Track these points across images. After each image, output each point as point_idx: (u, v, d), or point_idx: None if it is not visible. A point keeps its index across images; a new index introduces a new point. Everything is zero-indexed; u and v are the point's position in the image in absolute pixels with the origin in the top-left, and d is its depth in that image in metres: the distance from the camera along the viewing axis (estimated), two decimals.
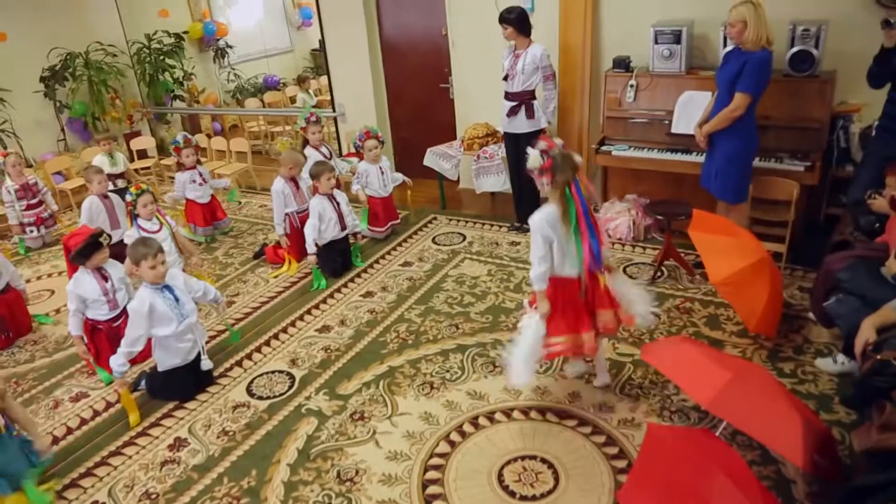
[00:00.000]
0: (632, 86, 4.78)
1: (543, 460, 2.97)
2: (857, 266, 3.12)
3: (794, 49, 4.16)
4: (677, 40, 4.55)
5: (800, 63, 4.16)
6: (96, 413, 3.66)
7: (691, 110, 4.44)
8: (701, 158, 4.27)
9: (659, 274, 4.41)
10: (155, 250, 3.43)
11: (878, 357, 2.56)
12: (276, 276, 4.98)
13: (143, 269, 3.41)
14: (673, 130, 4.59)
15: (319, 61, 9.54)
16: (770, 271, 3.48)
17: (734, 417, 2.49)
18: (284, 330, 4.26)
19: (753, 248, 3.53)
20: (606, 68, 5.03)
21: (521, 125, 4.89)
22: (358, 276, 4.87)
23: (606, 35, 5.12)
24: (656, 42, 4.61)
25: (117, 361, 3.47)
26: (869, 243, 3.45)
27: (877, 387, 2.50)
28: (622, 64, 4.88)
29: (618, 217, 4.95)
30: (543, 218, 2.95)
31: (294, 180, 5.08)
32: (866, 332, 2.67)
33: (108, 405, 3.71)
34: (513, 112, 4.86)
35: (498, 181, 5.36)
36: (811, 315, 3.70)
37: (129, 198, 4.41)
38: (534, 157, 2.91)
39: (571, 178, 2.88)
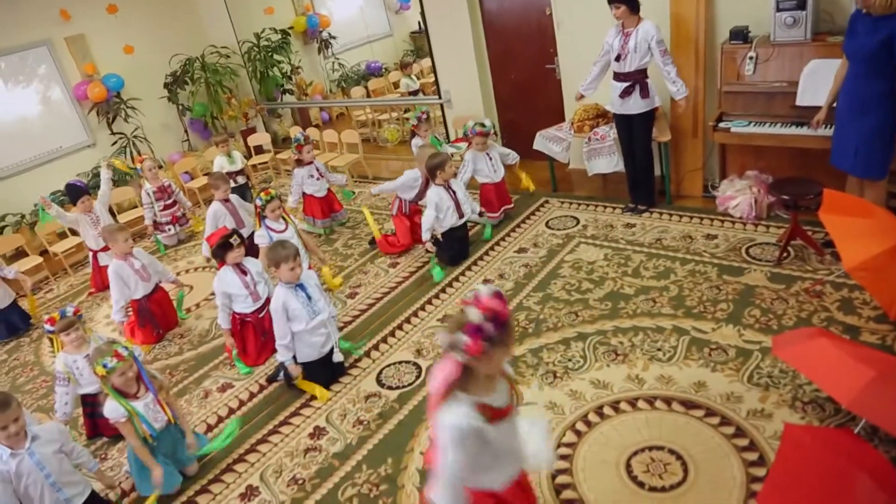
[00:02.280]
0: (751, 57, 4.56)
1: (671, 451, 2.98)
2: None
3: None
4: (802, 5, 4.28)
5: None
6: (242, 403, 3.97)
7: (818, 80, 4.19)
8: (829, 132, 4.05)
9: (785, 255, 4.24)
10: (293, 253, 3.67)
11: None
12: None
13: (282, 270, 3.65)
14: (798, 103, 4.35)
15: (419, 43, 9.66)
16: None
17: (878, 417, 2.41)
18: (408, 320, 4.43)
19: (892, 230, 3.33)
20: (722, 40, 4.82)
21: (635, 105, 4.78)
22: (475, 263, 4.97)
23: (722, 4, 4.88)
24: (778, 9, 4.36)
25: (281, 356, 3.77)
26: None
27: None
28: (740, 35, 4.65)
29: (738, 196, 4.77)
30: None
31: (427, 178, 5.17)
32: None
33: (252, 395, 4.02)
34: (626, 93, 4.76)
35: (610, 162, 5.28)
36: None
37: (258, 202, 4.68)
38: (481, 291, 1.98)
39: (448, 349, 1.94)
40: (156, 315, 4.80)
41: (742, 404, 3.16)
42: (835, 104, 3.96)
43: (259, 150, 8.60)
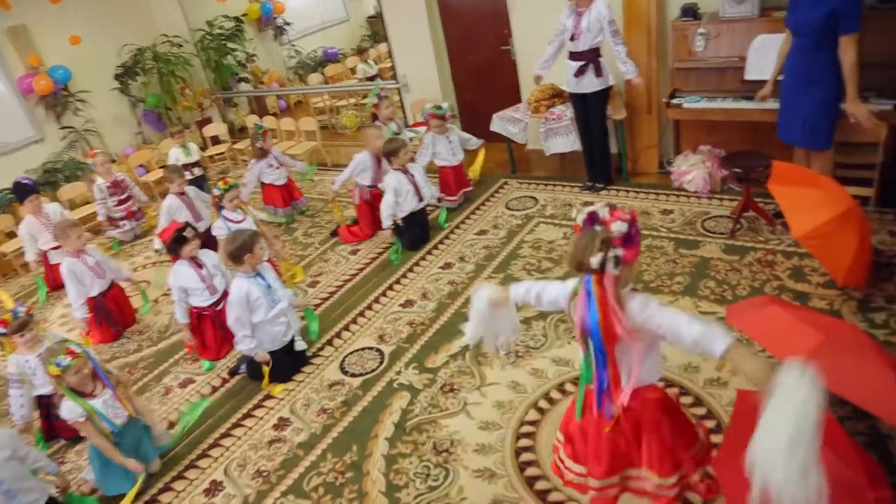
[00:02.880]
0: (701, 34, 4.62)
1: None
2: None
3: None
4: None
5: None
6: (203, 397, 3.92)
7: (766, 55, 4.26)
8: (777, 105, 4.12)
9: (738, 227, 4.32)
10: (251, 241, 3.63)
11: None
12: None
13: (255, 252, 3.63)
14: (747, 77, 4.43)
15: (376, 28, 9.57)
16: (857, 220, 3.36)
17: (826, 380, 2.47)
18: (369, 307, 4.42)
19: (838, 198, 3.41)
20: (674, 18, 4.87)
21: (589, 84, 4.81)
22: (435, 247, 4.97)
23: None
24: None
25: (243, 346, 3.73)
26: None
27: None
28: (690, 12, 4.70)
29: (692, 170, 4.85)
30: (568, 287, 2.15)
31: (378, 158, 5.15)
32: None
33: (214, 389, 3.98)
34: (580, 72, 4.78)
35: (567, 142, 5.31)
36: None
37: (216, 192, 4.61)
38: (579, 212, 1.99)
39: (577, 270, 2.00)
40: (113, 312, 4.70)
41: (699, 374, 3.22)
42: (780, 78, 4.02)
43: (216, 140, 8.46)
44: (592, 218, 1.93)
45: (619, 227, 1.89)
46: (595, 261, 1.91)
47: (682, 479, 2.23)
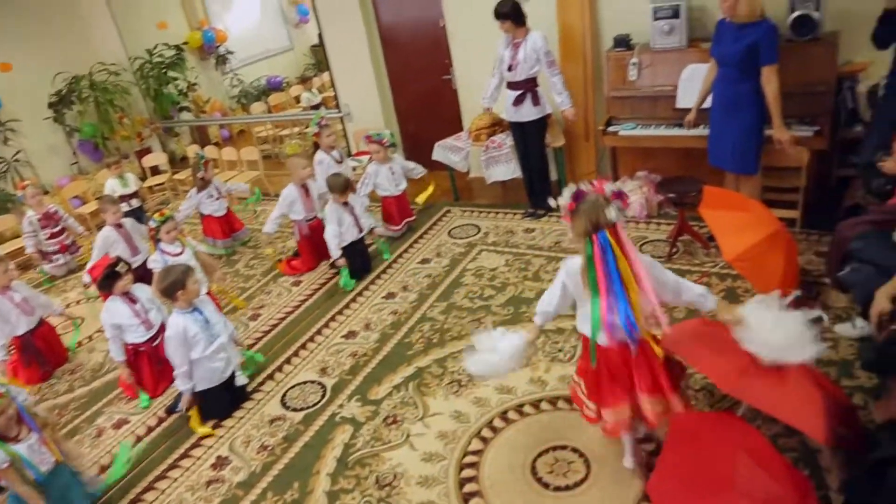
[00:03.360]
0: (634, 64, 4.76)
1: (574, 450, 3.05)
2: (868, 235, 3.13)
3: (795, 14, 4.10)
4: (676, 14, 4.51)
5: (801, 27, 4.11)
6: (139, 438, 3.79)
7: (695, 84, 4.42)
8: (707, 132, 4.26)
9: (675, 250, 4.44)
10: (185, 268, 3.56)
11: (894, 327, 2.59)
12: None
13: (188, 288, 3.54)
14: (678, 105, 4.58)
15: (320, 57, 9.57)
16: (784, 242, 3.50)
17: (754, 398, 2.55)
18: (311, 339, 4.36)
19: (766, 221, 3.55)
20: (607, 48, 5.01)
21: (527, 113, 4.91)
22: (378, 277, 4.95)
23: (605, 14, 5.08)
24: (655, 18, 4.58)
25: (179, 383, 3.63)
26: (881, 206, 3.44)
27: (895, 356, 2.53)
28: (623, 42, 4.86)
29: (630, 195, 4.94)
30: (569, 266, 2.59)
31: (305, 187, 5.15)
32: (881, 302, 2.69)
33: (150, 429, 3.84)
34: (518, 101, 4.88)
35: (508, 169, 5.39)
36: (828, 280, 3.72)
37: (152, 224, 4.50)
38: (565, 196, 2.49)
39: (593, 231, 2.36)
40: (42, 351, 4.51)
41: None
42: (709, 106, 4.18)
43: (155, 170, 8.29)
44: (580, 194, 2.43)
45: (610, 187, 2.41)
46: (612, 213, 2.36)
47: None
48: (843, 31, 4.23)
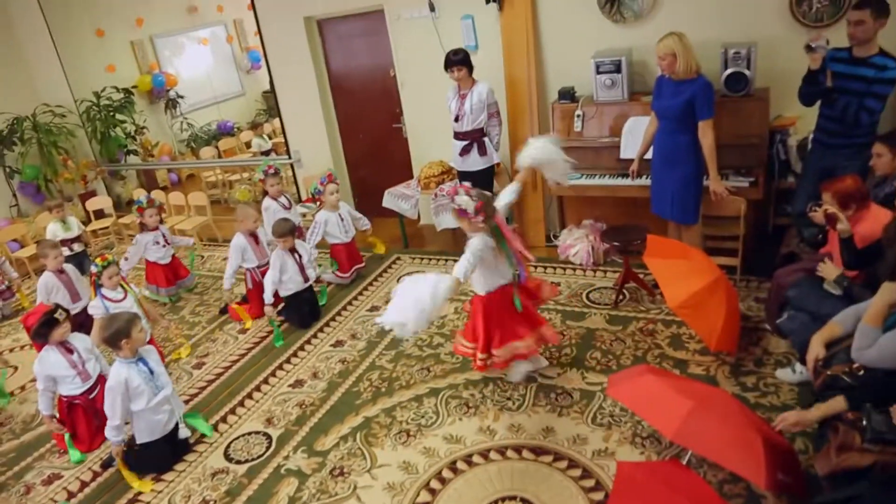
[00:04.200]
0: (578, 115, 4.92)
1: (523, 500, 3.02)
2: (803, 283, 3.26)
3: (728, 71, 4.32)
4: (618, 69, 4.69)
5: (734, 84, 4.33)
6: (71, 495, 3.61)
7: (638, 135, 4.58)
8: (649, 181, 4.40)
9: (621, 297, 4.52)
10: (132, 316, 3.46)
11: (829, 372, 2.68)
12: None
13: (133, 336, 3.43)
14: (622, 156, 4.73)
15: (271, 103, 9.57)
16: (725, 289, 3.60)
17: (697, 445, 2.59)
18: (258, 388, 4.26)
19: (707, 269, 3.65)
20: (553, 99, 5.17)
21: (474, 163, 5.00)
22: (327, 324, 4.89)
23: (550, 68, 5.25)
24: (598, 72, 4.75)
25: (111, 435, 3.49)
26: (814, 255, 3.60)
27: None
28: (567, 95, 5.01)
29: (576, 243, 5.06)
30: (484, 242, 3.33)
31: (254, 235, 5.10)
32: (815, 348, 2.79)
33: (83, 485, 3.67)
34: (465, 151, 4.97)
35: None
36: (768, 326, 3.83)
37: (94, 269, 4.38)
38: (466, 201, 3.30)
39: (493, 214, 3.41)
40: None
41: (587, 445, 3.28)
42: (649, 157, 4.33)
43: (100, 214, 8.08)
44: (482, 195, 3.38)
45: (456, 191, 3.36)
46: (503, 198, 3.68)
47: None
48: (774, 87, 4.47)
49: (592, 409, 3.53)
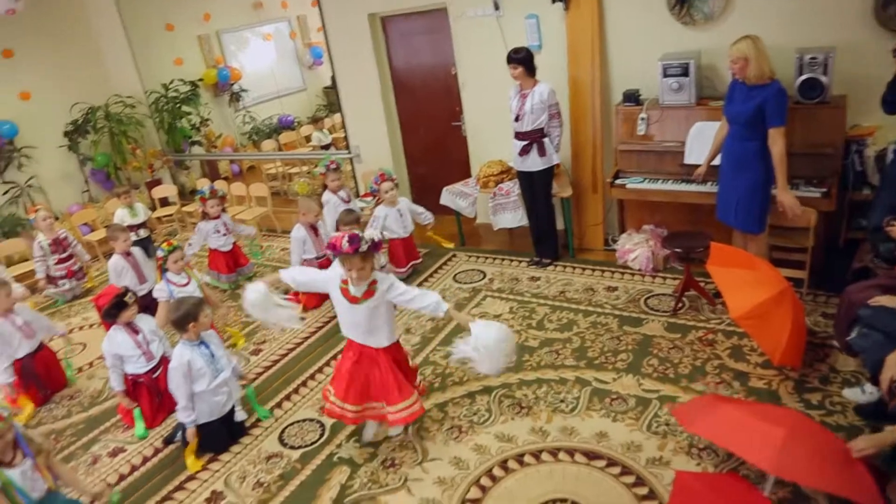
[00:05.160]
0: (643, 118, 4.84)
1: (574, 503, 2.99)
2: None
3: (803, 77, 4.19)
4: (685, 73, 4.60)
5: (809, 90, 4.19)
6: (134, 468, 3.74)
7: (703, 140, 4.49)
8: (715, 188, 4.31)
9: (680, 305, 4.43)
10: (199, 300, 3.58)
11: None
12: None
13: (200, 322, 3.55)
14: (686, 161, 4.63)
15: (332, 98, 9.72)
16: (791, 302, 3.49)
17: (799, 475, 2.48)
18: (312, 377, 4.33)
19: (773, 280, 3.55)
20: (617, 102, 5.10)
21: (533, 164, 4.97)
22: None
23: (615, 70, 5.19)
24: (665, 75, 4.67)
25: (182, 417, 3.59)
26: (890, 271, 3.46)
27: None
28: (632, 97, 4.94)
29: (636, 248, 4.99)
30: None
31: (314, 227, 5.19)
32: (892, 368, 2.68)
33: (145, 459, 3.79)
34: (524, 151, 4.95)
35: (515, 217, 5.43)
36: (836, 343, 3.71)
37: (160, 253, 4.53)
38: (374, 234, 3.11)
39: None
40: (41, 376, 4.48)
41: (642, 453, 3.23)
42: (717, 163, 4.23)
43: (164, 202, 8.34)
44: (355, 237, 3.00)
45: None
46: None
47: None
48: (852, 95, 4.30)
49: (648, 417, 3.47)
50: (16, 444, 3.01)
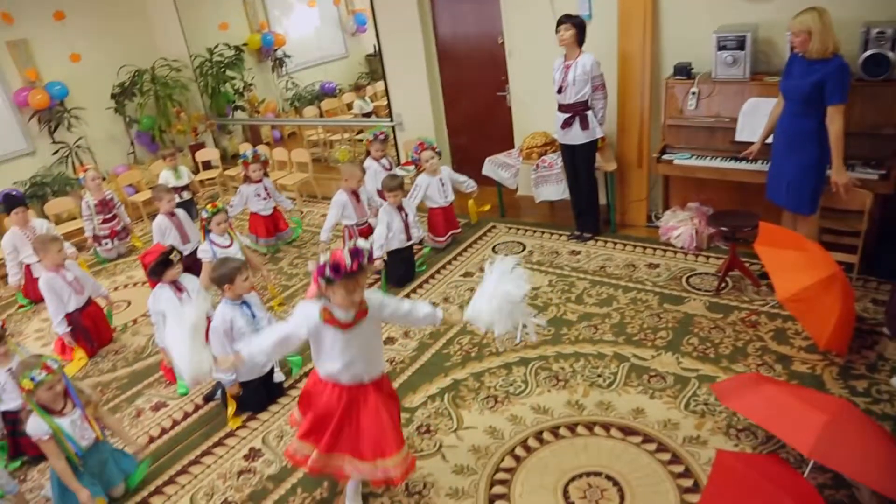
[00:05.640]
0: (693, 93, 4.72)
1: (608, 477, 2.99)
2: None
3: (868, 52, 4.01)
4: (741, 46, 4.46)
5: (874, 67, 4.02)
6: (175, 423, 3.84)
7: (756, 117, 4.36)
8: (766, 167, 4.19)
9: (723, 285, 4.35)
10: (243, 263, 3.63)
11: None
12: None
13: (237, 283, 3.58)
14: (737, 138, 4.51)
15: (374, 66, 9.69)
16: (842, 286, 3.39)
17: (837, 462, 2.43)
18: None
19: (824, 263, 3.45)
20: (667, 75, 4.97)
21: (576, 137, 4.88)
22: (420, 286, 4.95)
23: (667, 42, 5.05)
24: (719, 48, 4.53)
25: (221, 375, 3.65)
26: None
27: None
28: (683, 71, 4.81)
29: (680, 226, 4.90)
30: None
31: (355, 193, 5.20)
32: None
33: (186, 415, 3.89)
34: (567, 124, 4.86)
35: (557, 190, 5.37)
36: (885, 331, 3.60)
37: (204, 215, 4.59)
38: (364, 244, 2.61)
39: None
40: (89, 329, 4.61)
41: (679, 431, 3.20)
42: (771, 139, 4.11)
43: (207, 165, 8.45)
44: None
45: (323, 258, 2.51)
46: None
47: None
48: None
49: (686, 395, 3.43)
50: (66, 395, 3.11)
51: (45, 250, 4.37)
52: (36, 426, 3.00)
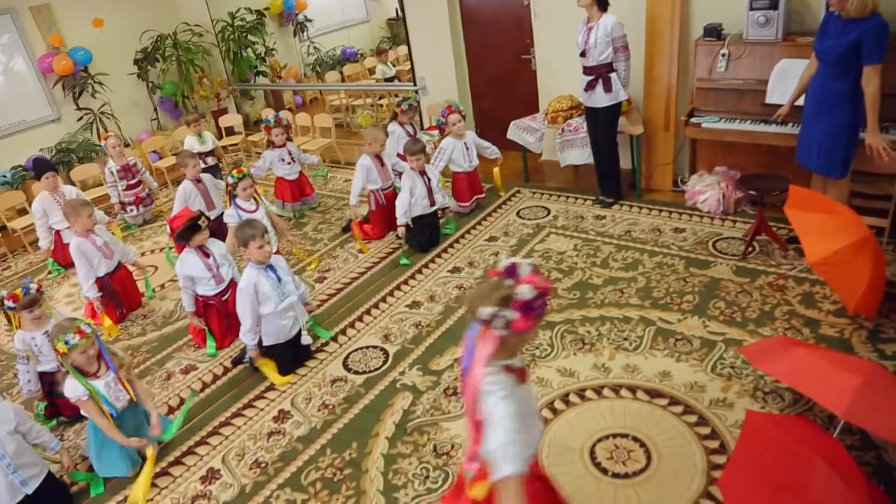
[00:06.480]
0: (723, 55, 4.62)
1: (635, 439, 3.01)
2: None
3: None
4: (774, 5, 4.34)
5: None
6: (205, 385, 3.92)
7: (788, 79, 4.26)
8: (796, 130, 4.11)
9: (750, 249, 4.31)
10: (261, 231, 3.62)
11: None
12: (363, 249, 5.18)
13: (251, 249, 3.59)
14: (768, 101, 4.42)
15: (396, 30, 9.60)
16: (872, 250, 3.34)
17: (871, 424, 2.43)
18: (376, 305, 4.41)
19: (854, 227, 3.39)
20: (696, 37, 4.87)
21: (599, 99, 4.81)
22: (444, 251, 4.97)
23: (696, 3, 4.92)
24: (751, 8, 4.41)
25: (246, 339, 3.72)
26: None
27: None
28: (713, 32, 4.70)
29: (707, 190, 4.84)
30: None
31: (379, 157, 5.20)
32: None
33: (216, 377, 3.97)
34: (590, 86, 4.79)
35: (583, 154, 5.31)
36: None
37: (230, 180, 4.62)
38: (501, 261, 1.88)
39: (477, 317, 1.84)
40: (118, 294, 4.70)
41: (705, 393, 3.20)
42: (802, 102, 4.02)
43: (230, 131, 8.48)
44: (511, 270, 1.79)
45: (524, 291, 1.75)
46: (485, 312, 1.78)
47: None
48: None
49: (713, 359, 3.43)
50: (100, 357, 3.19)
51: (76, 214, 4.44)
52: (73, 387, 3.08)
